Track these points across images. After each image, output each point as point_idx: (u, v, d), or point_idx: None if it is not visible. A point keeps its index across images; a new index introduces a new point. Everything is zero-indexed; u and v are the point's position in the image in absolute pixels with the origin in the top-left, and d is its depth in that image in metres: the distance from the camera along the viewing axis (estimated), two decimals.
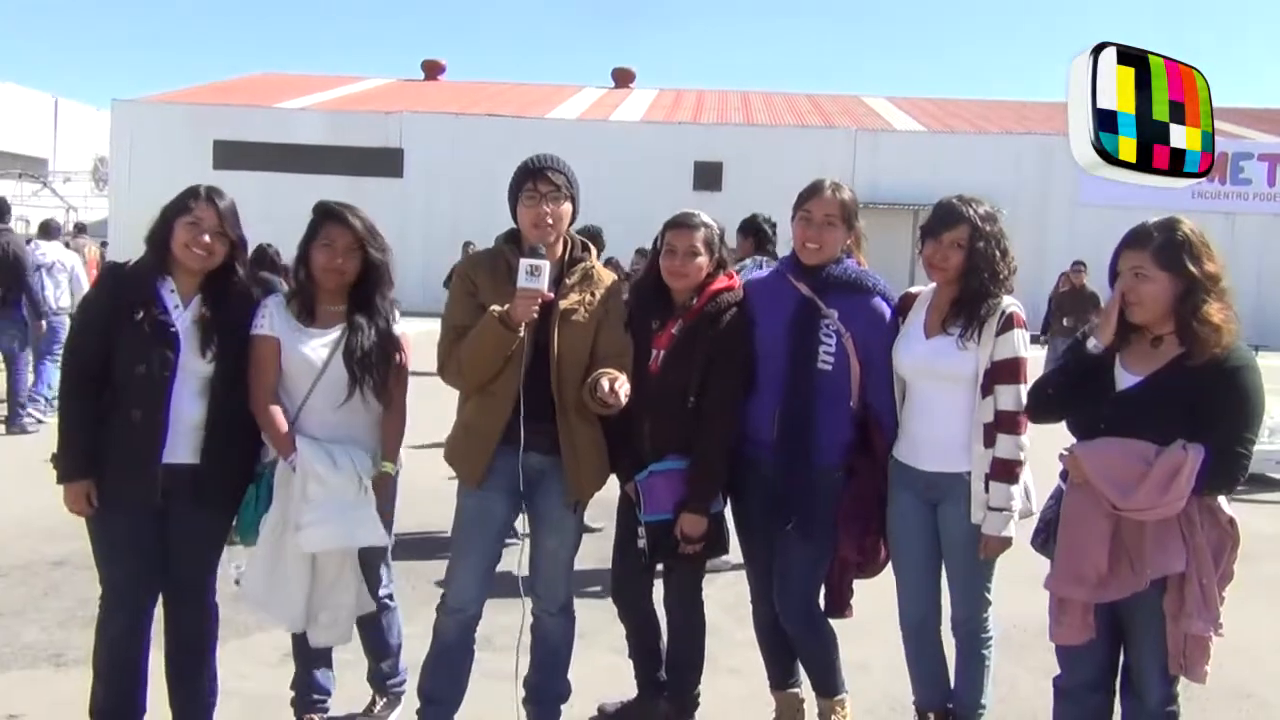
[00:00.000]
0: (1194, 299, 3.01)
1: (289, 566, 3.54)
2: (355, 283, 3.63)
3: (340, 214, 3.60)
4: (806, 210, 3.72)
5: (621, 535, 3.96)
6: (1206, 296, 3.01)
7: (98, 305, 3.51)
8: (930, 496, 3.64)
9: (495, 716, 3.91)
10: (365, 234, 3.60)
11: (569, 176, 3.59)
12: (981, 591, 3.65)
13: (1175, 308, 3.05)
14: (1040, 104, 38.09)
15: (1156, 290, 3.05)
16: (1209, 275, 3.03)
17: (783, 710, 4.00)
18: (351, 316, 3.61)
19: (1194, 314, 3.00)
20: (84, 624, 4.79)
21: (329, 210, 3.63)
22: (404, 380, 3.77)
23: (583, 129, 30.15)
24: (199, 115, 30.75)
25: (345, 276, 3.60)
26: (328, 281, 3.60)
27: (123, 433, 3.40)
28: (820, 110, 34.91)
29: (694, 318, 3.74)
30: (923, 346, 3.62)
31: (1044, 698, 4.46)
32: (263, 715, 4.04)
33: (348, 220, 3.58)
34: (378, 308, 3.65)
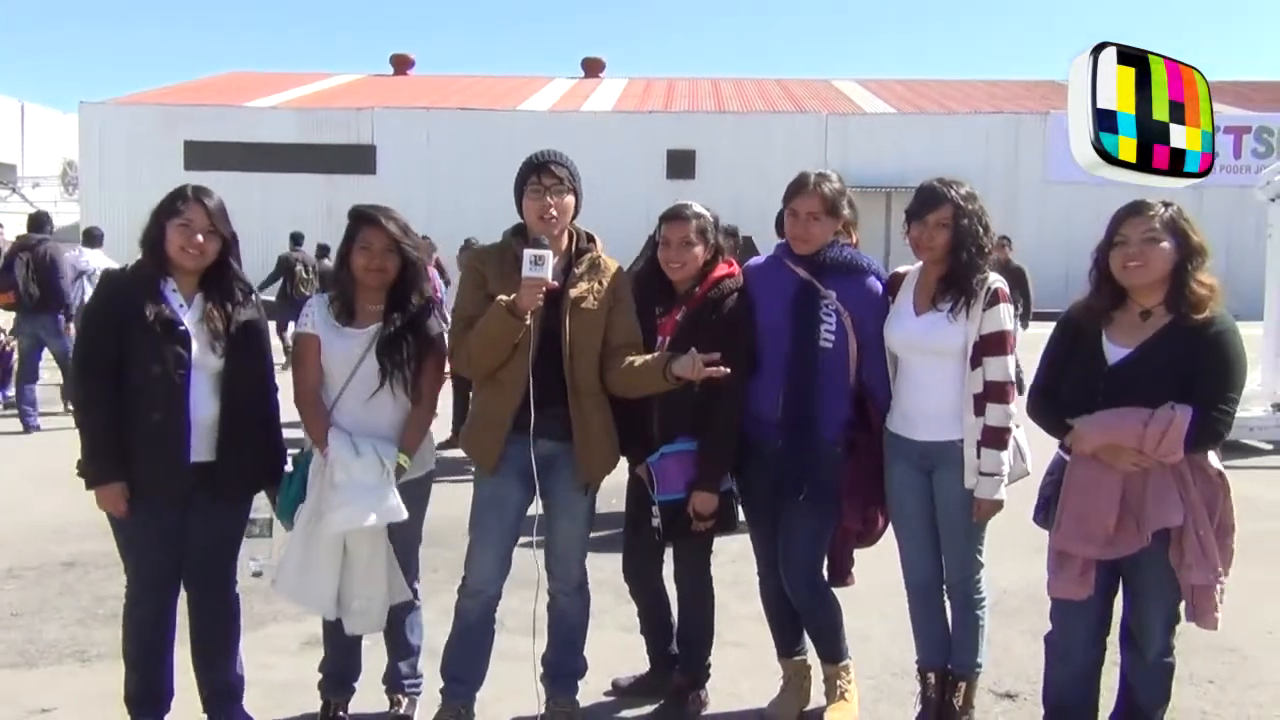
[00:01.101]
0: (1191, 265, 3.25)
1: (321, 555, 3.66)
2: (394, 282, 3.76)
3: (374, 217, 3.72)
4: (793, 206, 3.87)
5: (632, 515, 4.11)
6: (1198, 265, 3.26)
7: (103, 312, 3.59)
8: (925, 465, 3.80)
9: (512, 695, 4.06)
10: (400, 234, 3.73)
11: (571, 170, 3.72)
12: (974, 554, 3.82)
13: (1171, 276, 3.27)
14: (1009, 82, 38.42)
15: (1163, 253, 3.26)
16: (1201, 246, 3.28)
17: (790, 677, 4.16)
18: (388, 313, 3.74)
19: (1191, 278, 3.24)
20: (103, 621, 4.92)
21: (363, 214, 3.75)
22: (438, 378, 3.88)
23: (554, 120, 30.15)
24: (168, 116, 30.52)
25: (386, 276, 3.73)
26: (369, 281, 3.72)
27: (145, 434, 3.50)
28: (790, 95, 35.02)
29: (697, 305, 3.89)
30: (914, 323, 3.78)
31: (1036, 659, 4.64)
32: (287, 702, 4.16)
33: (381, 222, 3.71)
34: (413, 304, 3.78)
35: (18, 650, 4.74)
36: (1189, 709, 4.25)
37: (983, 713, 4.08)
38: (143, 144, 29.29)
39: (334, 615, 3.77)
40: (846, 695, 4.06)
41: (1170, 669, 3.54)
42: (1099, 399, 3.33)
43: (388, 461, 3.67)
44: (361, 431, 3.70)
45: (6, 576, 5.74)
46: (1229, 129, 29.72)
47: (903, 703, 4.21)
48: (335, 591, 3.70)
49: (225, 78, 38.11)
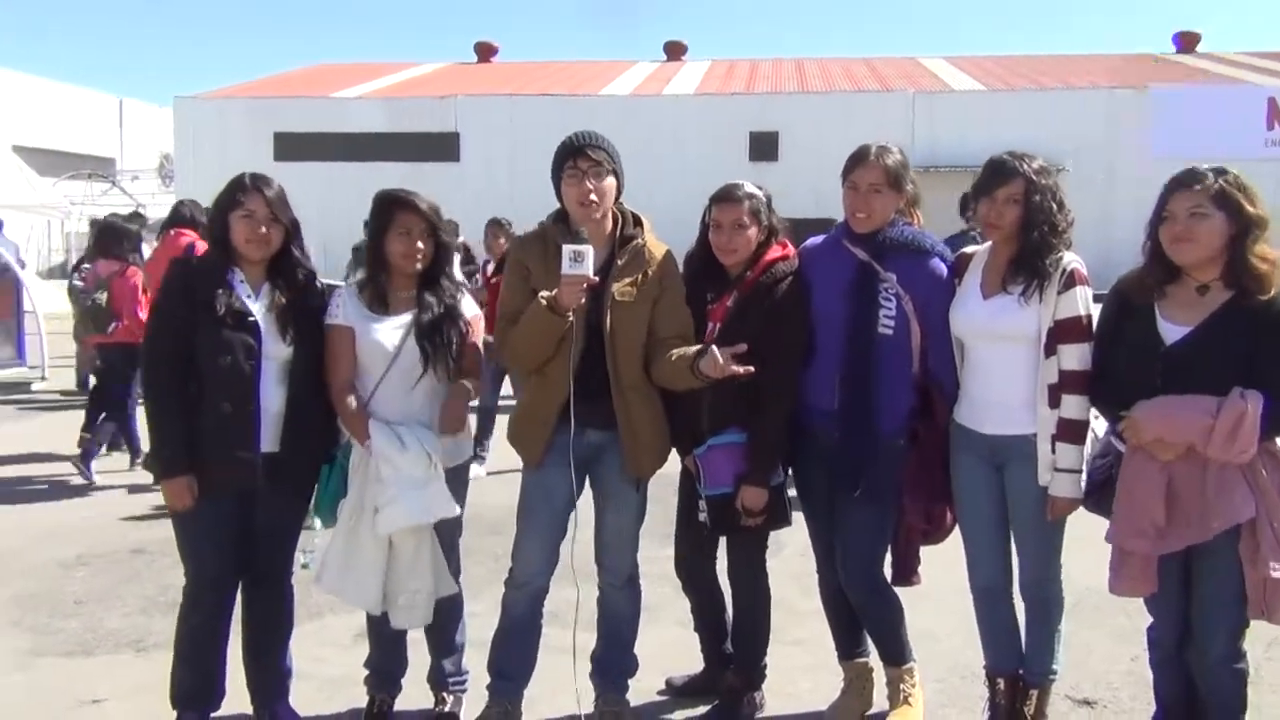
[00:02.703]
0: (1248, 239, 3.03)
1: (365, 550, 3.58)
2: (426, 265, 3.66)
3: (411, 201, 3.61)
4: (852, 179, 3.67)
5: (683, 509, 3.96)
6: (1259, 236, 3.03)
7: (172, 304, 3.57)
8: (995, 459, 3.57)
9: (563, 692, 3.95)
10: (434, 217, 3.64)
11: (610, 151, 3.57)
12: (1051, 554, 3.59)
13: (1229, 249, 3.05)
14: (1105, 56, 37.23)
15: (1213, 227, 3.05)
16: (1259, 218, 3.05)
17: (851, 680, 3.97)
18: (421, 297, 3.64)
19: (1250, 253, 3.02)
20: (164, 610, 4.94)
21: (398, 199, 3.64)
22: (476, 358, 3.79)
23: (637, 104, 30.08)
24: (258, 108, 31.20)
25: (424, 261, 3.63)
26: (408, 267, 3.62)
27: (214, 425, 3.47)
28: (876, 74, 34.40)
29: (749, 289, 3.70)
30: (981, 307, 3.55)
31: (1119, 663, 4.43)
32: (338, 696, 4.11)
33: (418, 206, 3.61)
34: (444, 286, 3.69)
35: (77, 639, 4.78)
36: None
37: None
38: (234, 136, 29.98)
39: (379, 611, 3.69)
40: (910, 699, 3.86)
41: (1240, 676, 3.25)
42: (1156, 381, 3.10)
43: (434, 454, 3.57)
44: (409, 420, 3.60)
45: (76, 564, 5.82)
46: None
47: (971, 708, 3.99)
48: (380, 587, 3.62)
49: (313, 69, 38.76)
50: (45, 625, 4.94)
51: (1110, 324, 3.33)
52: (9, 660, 4.55)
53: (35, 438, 9.29)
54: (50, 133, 35.35)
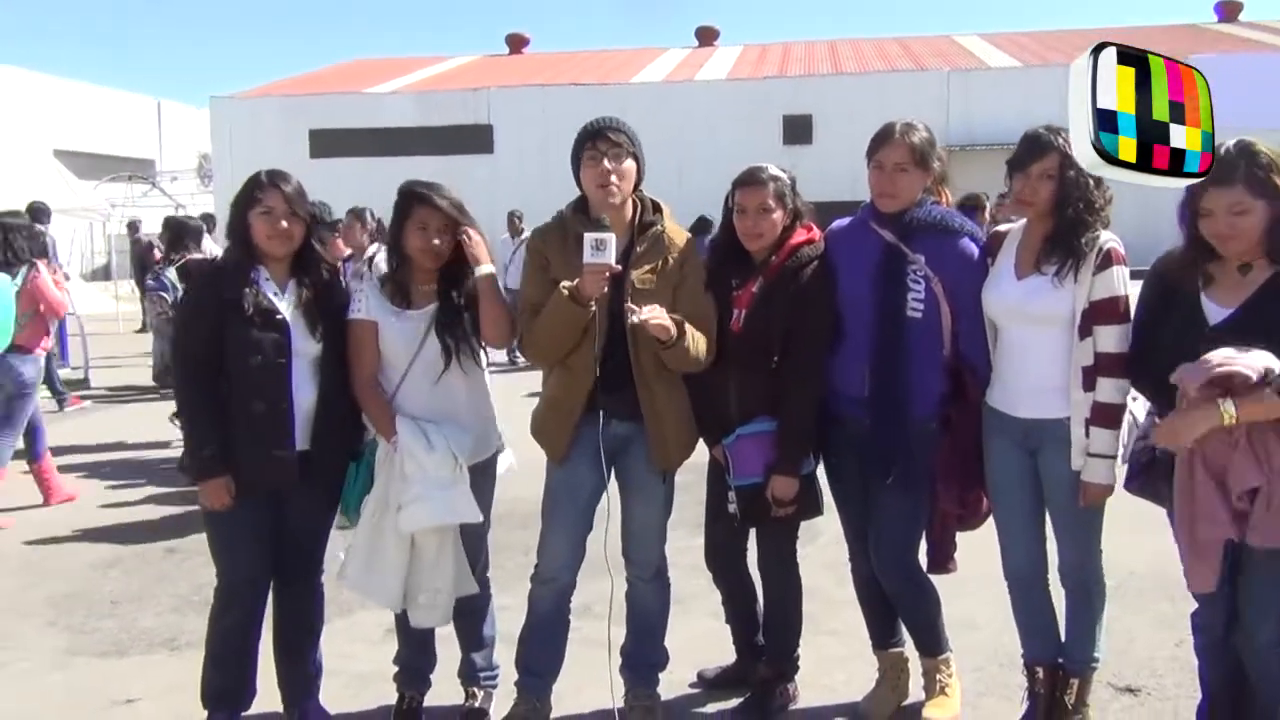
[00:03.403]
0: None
1: (388, 547, 3.55)
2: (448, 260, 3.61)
3: (428, 196, 3.55)
4: (878, 159, 3.57)
5: (712, 500, 3.89)
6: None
7: (199, 305, 3.56)
8: (1029, 444, 3.47)
9: (595, 684, 3.91)
10: (455, 212, 3.57)
11: (630, 135, 3.51)
12: (1090, 538, 3.48)
13: (1268, 228, 2.93)
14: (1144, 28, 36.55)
15: (1255, 221, 2.93)
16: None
17: (886, 670, 3.90)
18: (443, 291, 3.59)
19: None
20: (198, 609, 4.94)
21: (416, 193, 3.58)
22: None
23: (669, 91, 29.96)
24: (293, 106, 31.42)
25: (442, 257, 3.57)
26: (426, 262, 3.57)
27: (248, 425, 3.46)
28: (910, 53, 34.03)
29: (774, 275, 3.62)
30: (1015, 288, 3.44)
31: (1163, 649, 4.32)
32: (366, 693, 4.09)
33: (435, 201, 3.54)
34: (470, 281, 3.62)
35: (112, 639, 4.80)
36: None
37: (1099, 709, 3.75)
38: (270, 134, 30.21)
39: (400, 608, 3.66)
40: (947, 690, 3.78)
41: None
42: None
43: (461, 456, 3.53)
44: (435, 415, 3.56)
45: (111, 564, 5.85)
46: None
47: (1010, 696, 3.90)
48: (402, 584, 3.58)
49: (346, 66, 38.96)
50: (81, 625, 4.98)
51: (1152, 305, 3.22)
52: (47, 660, 4.59)
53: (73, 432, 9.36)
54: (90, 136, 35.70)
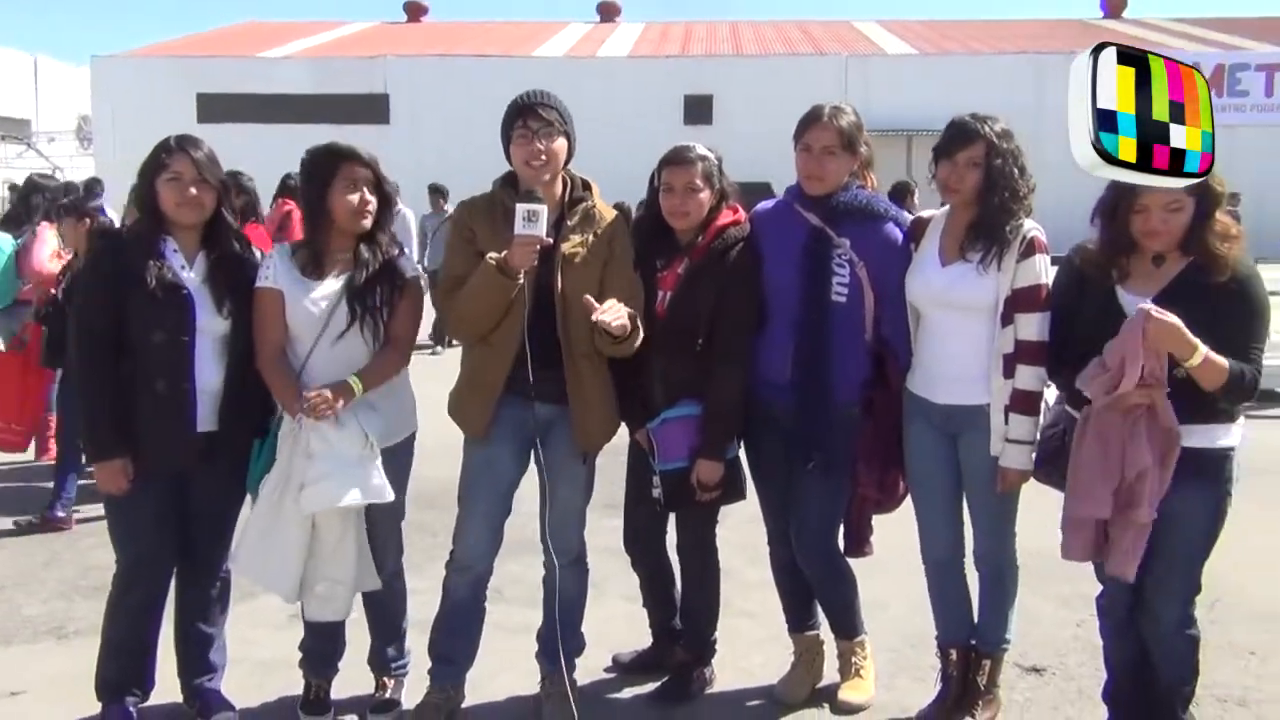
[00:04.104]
0: (1208, 214, 2.99)
1: (287, 530, 3.38)
2: None
3: (355, 152, 3.40)
4: (805, 141, 3.55)
5: (634, 484, 3.84)
6: (1216, 209, 3.00)
7: (101, 277, 3.36)
8: (949, 429, 3.51)
9: (509, 671, 3.84)
10: (379, 168, 3.44)
11: (561, 111, 3.42)
12: (1006, 523, 3.54)
13: (1190, 225, 3.01)
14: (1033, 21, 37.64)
15: (1186, 218, 3.02)
16: (1222, 194, 3.03)
17: (802, 653, 3.90)
18: (357, 254, 3.43)
19: (1211, 230, 2.98)
20: (86, 594, 4.73)
21: (340, 150, 3.41)
22: (412, 320, 3.55)
23: (570, 66, 29.66)
24: (181, 68, 30.26)
25: (371, 217, 3.41)
26: (355, 225, 3.39)
27: (149, 404, 3.29)
28: (810, 37, 34.33)
29: (701, 256, 3.57)
30: (939, 274, 3.46)
31: (1065, 629, 4.43)
32: (271, 681, 3.94)
33: (362, 157, 3.40)
34: (381, 242, 3.48)
35: None
36: (1229, 683, 3.96)
37: (1007, 688, 3.81)
38: (156, 97, 28.99)
39: (295, 599, 3.52)
40: (862, 672, 3.81)
41: (1192, 642, 3.25)
42: None
43: (372, 434, 3.39)
44: (329, 380, 3.36)
45: None
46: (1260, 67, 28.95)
47: (923, 678, 3.94)
48: (299, 572, 3.42)
49: (238, 28, 37.68)
50: None
51: (1068, 296, 3.28)
52: None
53: None
54: None
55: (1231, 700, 3.86)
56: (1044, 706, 3.84)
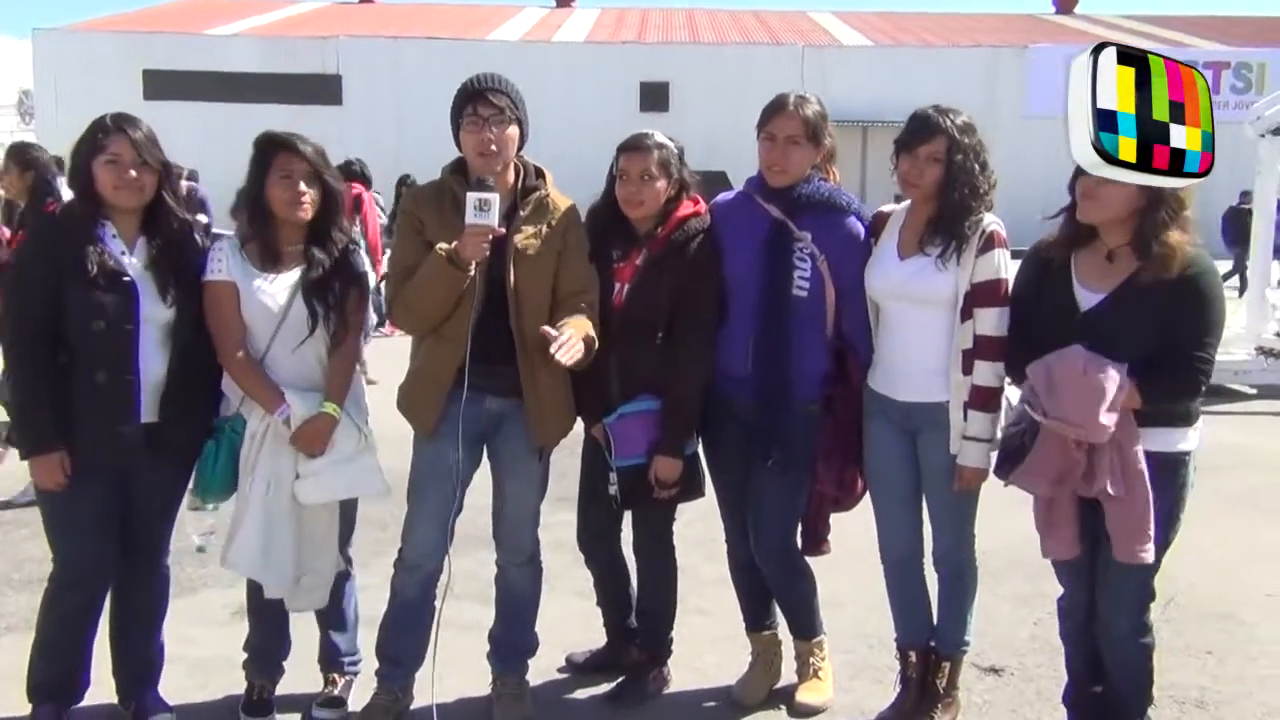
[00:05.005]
0: (1157, 215, 2.93)
1: (282, 526, 3.30)
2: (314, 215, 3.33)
3: (291, 142, 3.28)
4: (769, 130, 3.47)
5: (589, 480, 3.76)
6: (1171, 218, 2.93)
7: (38, 260, 3.19)
8: (908, 426, 3.45)
9: (459, 671, 3.74)
10: (319, 160, 3.31)
11: (513, 97, 3.30)
12: (966, 522, 3.49)
13: (1137, 222, 2.96)
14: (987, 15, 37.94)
15: (1124, 194, 2.94)
16: (1177, 197, 2.96)
17: (759, 653, 3.84)
18: (309, 250, 3.32)
19: (1155, 233, 2.93)
20: (19, 587, 4.56)
21: (277, 140, 3.30)
22: (360, 321, 3.48)
23: (525, 51, 29.41)
24: (126, 43, 29.62)
25: (310, 210, 3.29)
26: (293, 215, 3.27)
27: (88, 398, 3.14)
28: (766, 27, 34.35)
29: (660, 248, 3.48)
30: (898, 268, 3.40)
31: (1022, 628, 4.40)
32: (212, 681, 3.81)
33: (298, 148, 3.27)
34: (334, 238, 3.37)
35: None
36: (1186, 684, 3.95)
37: (965, 689, 3.76)
38: (100, 72, 28.32)
39: (288, 592, 3.42)
40: (820, 673, 3.75)
41: (1145, 650, 3.21)
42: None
43: (364, 427, 3.35)
44: (294, 384, 3.30)
45: None
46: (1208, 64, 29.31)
47: (881, 679, 3.90)
48: (294, 566, 3.35)
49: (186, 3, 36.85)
50: None
51: (1027, 291, 3.24)
52: None
53: None
54: None
55: (1189, 702, 3.85)
56: (1003, 709, 3.81)
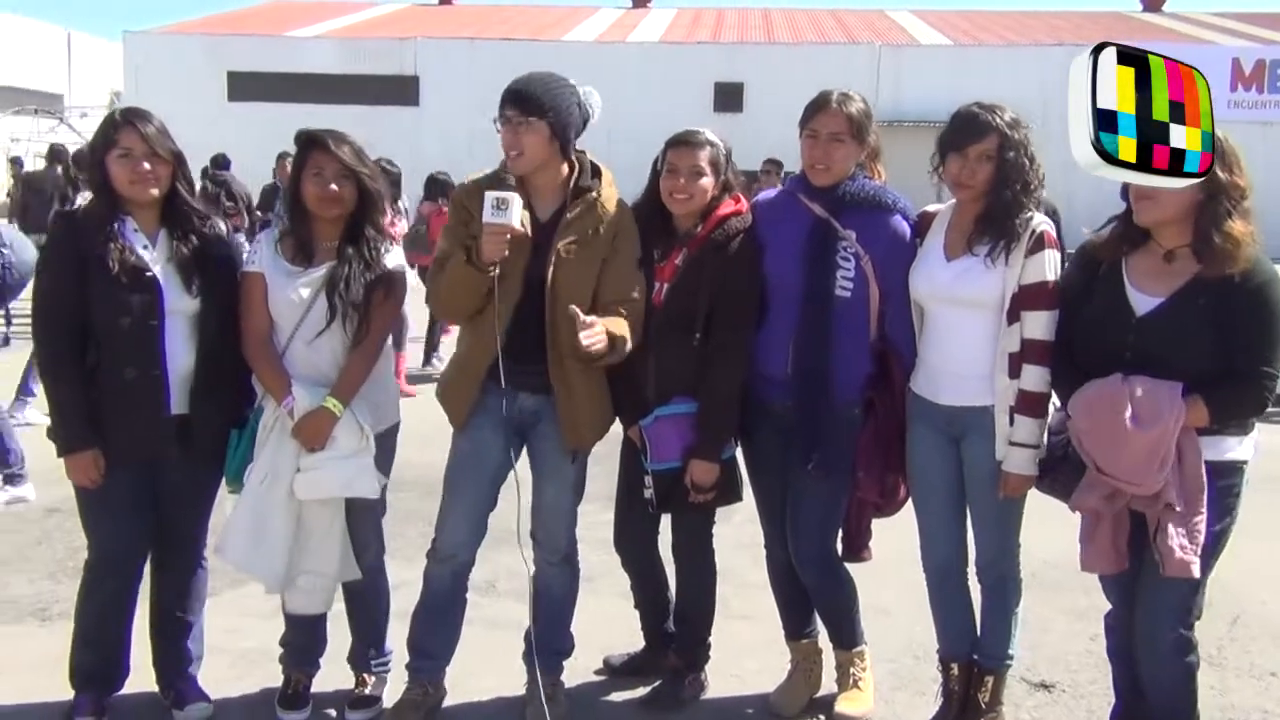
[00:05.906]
0: (1217, 207, 2.81)
1: (275, 520, 3.31)
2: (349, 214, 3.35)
3: (324, 140, 3.29)
4: (812, 127, 3.39)
5: (626, 482, 3.71)
6: (1232, 208, 2.82)
7: (62, 259, 3.24)
8: (952, 432, 3.35)
9: (496, 670, 3.72)
10: (354, 160, 3.31)
11: (545, 100, 3.23)
12: (1010, 531, 3.38)
13: (1196, 217, 2.85)
14: (1072, 13, 37.12)
15: (1179, 191, 2.82)
16: (1236, 186, 2.84)
17: (799, 661, 3.76)
18: (342, 248, 3.34)
19: (1216, 225, 2.81)
20: (73, 574, 4.59)
21: (312, 138, 3.32)
22: (388, 320, 3.46)
23: (600, 51, 29.49)
24: (211, 46, 30.32)
25: (343, 207, 3.31)
26: (323, 211, 3.31)
27: (118, 393, 3.18)
28: (843, 26, 34.01)
29: (700, 246, 3.43)
30: (944, 270, 3.30)
31: (1077, 642, 4.25)
32: (253, 673, 3.85)
33: (330, 147, 3.28)
34: (368, 237, 3.37)
35: None
36: (1247, 706, 3.80)
37: (1013, 705, 3.66)
38: (186, 74, 29.06)
39: (279, 589, 3.44)
40: (860, 684, 3.66)
41: (1188, 671, 3.05)
42: (1126, 355, 2.92)
43: (366, 427, 3.33)
44: (305, 377, 3.31)
45: None
46: None
47: (924, 690, 3.80)
48: (286, 562, 3.35)
49: (268, 6, 37.66)
50: None
51: (1075, 287, 3.13)
52: None
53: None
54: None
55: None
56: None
